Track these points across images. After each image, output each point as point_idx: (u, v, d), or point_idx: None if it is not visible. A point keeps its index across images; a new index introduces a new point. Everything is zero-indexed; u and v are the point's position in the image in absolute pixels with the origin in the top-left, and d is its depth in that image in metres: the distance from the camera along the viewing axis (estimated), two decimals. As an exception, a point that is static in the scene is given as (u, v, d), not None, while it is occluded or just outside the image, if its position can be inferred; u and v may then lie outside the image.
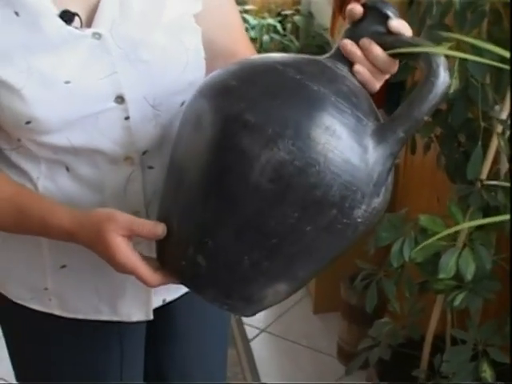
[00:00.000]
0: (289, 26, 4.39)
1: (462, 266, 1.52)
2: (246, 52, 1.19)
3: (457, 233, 1.59)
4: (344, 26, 1.99)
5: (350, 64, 0.90)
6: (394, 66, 0.91)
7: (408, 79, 1.97)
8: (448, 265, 1.52)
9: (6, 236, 1.12)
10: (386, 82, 0.95)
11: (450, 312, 1.77)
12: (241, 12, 4.48)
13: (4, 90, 0.98)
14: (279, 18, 4.47)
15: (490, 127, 1.55)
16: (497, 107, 1.56)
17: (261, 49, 4.23)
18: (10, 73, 0.97)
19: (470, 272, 1.51)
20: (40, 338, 1.23)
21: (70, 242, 1.01)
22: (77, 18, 1.00)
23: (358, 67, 0.90)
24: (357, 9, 0.89)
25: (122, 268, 0.94)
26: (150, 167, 1.09)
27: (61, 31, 0.98)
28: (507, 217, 1.14)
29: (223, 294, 0.92)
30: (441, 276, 1.52)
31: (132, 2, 1.03)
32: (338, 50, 0.91)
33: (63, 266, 1.13)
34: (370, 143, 0.83)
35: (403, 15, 0.91)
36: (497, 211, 1.53)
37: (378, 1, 0.89)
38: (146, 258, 0.95)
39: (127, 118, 1.04)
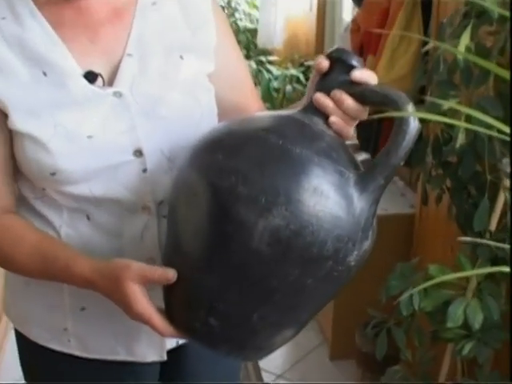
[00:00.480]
0: (311, 76, 4.47)
1: (469, 315, 1.55)
2: (255, 106, 1.27)
3: (466, 283, 1.62)
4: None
5: (324, 115, 0.94)
6: (365, 112, 0.96)
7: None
8: (456, 314, 1.55)
9: (29, 280, 1.18)
10: None
11: (460, 361, 1.79)
12: (264, 63, 4.60)
13: (31, 144, 1.06)
14: (302, 69, 4.57)
15: (498, 180, 1.59)
16: (504, 160, 1.60)
17: (284, 99, 4.33)
18: (37, 128, 1.06)
19: (477, 321, 1.54)
20: (58, 377, 1.28)
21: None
22: (99, 78, 1.09)
23: (332, 119, 0.94)
24: (323, 62, 0.94)
25: (137, 317, 0.99)
26: (165, 216, 1.14)
27: (85, 90, 1.08)
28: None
29: (236, 347, 0.99)
30: (449, 325, 1.55)
31: (151, 62, 1.12)
32: (312, 103, 0.95)
33: (83, 309, 1.19)
34: (354, 194, 0.89)
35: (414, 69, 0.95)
36: (505, 262, 1.56)
37: (342, 53, 0.94)
38: (160, 310, 1.00)
39: (145, 171, 1.11)
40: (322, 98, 0.94)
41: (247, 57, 5.23)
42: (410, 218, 2.65)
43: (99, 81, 1.09)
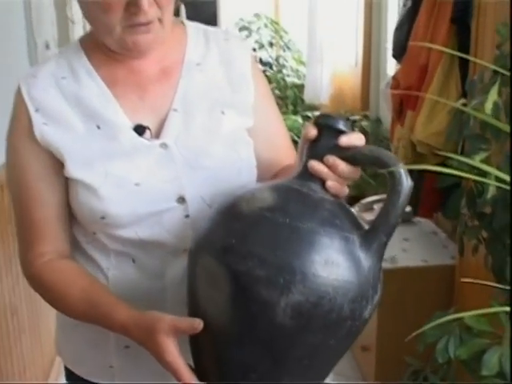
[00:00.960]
0: (357, 130, 4.52)
1: (504, 363, 1.57)
2: (288, 162, 1.32)
3: (502, 331, 1.64)
4: (398, 131, 2.10)
5: (320, 180, 1.00)
6: (359, 172, 1.02)
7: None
8: (491, 362, 1.57)
9: (77, 321, 1.26)
10: (443, 190, 1.05)
11: (496, 409, 1.79)
12: (311, 118, 4.69)
13: (84, 190, 1.18)
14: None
15: (531, 231, 1.62)
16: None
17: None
18: (90, 176, 1.17)
19: (512, 370, 1.56)
20: None
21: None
22: (148, 131, 1.21)
23: (329, 183, 1.00)
24: (312, 131, 1.00)
25: (166, 366, 1.05)
26: None
27: (134, 142, 1.20)
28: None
29: None
30: (484, 373, 1.57)
31: (194, 117, 1.23)
32: (307, 169, 1.01)
33: (127, 347, 1.26)
34: (360, 255, 0.96)
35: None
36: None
37: (328, 119, 0.99)
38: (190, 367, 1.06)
39: (187, 216, 1.21)
40: (316, 165, 1.00)
41: (295, 112, 5.34)
42: (451, 269, 2.68)
43: (147, 133, 1.20)
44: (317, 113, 4.87)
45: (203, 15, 5.87)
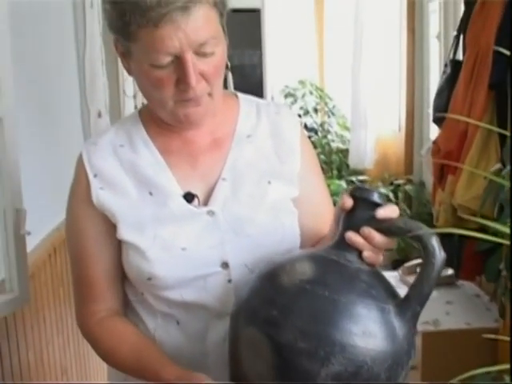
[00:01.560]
0: (401, 194, 4.54)
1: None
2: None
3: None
4: (439, 195, 2.14)
5: (356, 250, 1.04)
6: (394, 242, 1.06)
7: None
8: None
9: (127, 375, 1.31)
10: (483, 253, 1.09)
11: None
12: (355, 182, 4.73)
13: (133, 252, 1.24)
14: (392, 187, 4.63)
15: None
16: None
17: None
18: (140, 239, 1.24)
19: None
20: None
21: None
22: (196, 198, 1.26)
23: (365, 254, 1.04)
24: (348, 202, 1.05)
25: None
26: None
27: (183, 208, 1.25)
28: None
29: None
30: None
31: (242, 186, 1.28)
32: (343, 239, 1.05)
33: None
34: (396, 324, 1.00)
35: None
36: None
37: (364, 192, 1.04)
38: None
39: (230, 281, 1.25)
40: (353, 237, 1.04)
41: (339, 177, 5.38)
42: (494, 332, 2.65)
43: (196, 201, 1.26)
44: (361, 177, 4.92)
45: (249, 82, 6.04)
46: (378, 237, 1.03)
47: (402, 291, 1.04)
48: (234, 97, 1.39)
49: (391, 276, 3.51)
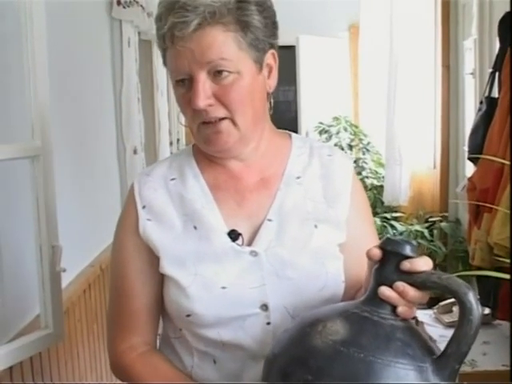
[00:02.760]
0: (436, 232, 4.50)
1: None
2: None
3: None
4: (475, 233, 2.12)
5: (389, 305, 1.00)
6: (427, 297, 1.02)
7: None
8: None
9: None
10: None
11: None
12: (389, 219, 4.70)
13: (174, 287, 1.24)
14: (427, 225, 4.59)
15: None
16: None
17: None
18: (181, 274, 1.24)
19: None
20: None
21: None
22: (240, 237, 1.26)
23: (399, 310, 1.00)
24: (375, 253, 1.01)
25: None
26: None
27: (226, 246, 1.25)
28: None
29: None
30: None
31: (287, 228, 1.27)
32: (376, 294, 1.01)
33: None
34: (434, 381, 0.97)
35: None
36: None
37: (395, 244, 1.00)
38: None
39: (268, 324, 1.23)
40: (387, 292, 0.99)
41: (374, 214, 5.35)
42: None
43: (240, 239, 1.25)
44: (395, 214, 4.89)
45: (284, 118, 6.07)
46: (412, 291, 0.99)
47: (438, 330, 1.01)
48: (286, 136, 1.39)
49: (426, 314, 3.46)
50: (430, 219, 4.63)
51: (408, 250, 1.00)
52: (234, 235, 1.25)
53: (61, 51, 2.28)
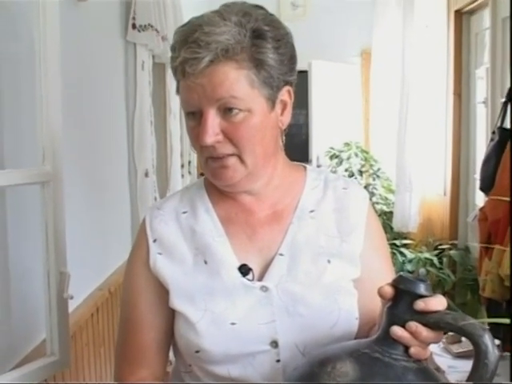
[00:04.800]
0: (445, 259, 4.47)
1: None
2: None
3: None
4: (486, 264, 2.07)
5: (402, 345, 0.96)
6: (441, 337, 0.98)
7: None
8: None
9: None
10: None
11: None
12: (399, 246, 4.67)
13: (183, 322, 1.21)
14: (436, 252, 4.56)
15: None
16: None
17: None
18: (190, 309, 1.20)
19: None
20: None
21: None
22: (251, 272, 1.22)
23: (412, 350, 0.96)
24: (387, 291, 0.98)
25: None
26: None
27: (236, 281, 1.21)
28: None
29: None
30: None
31: (299, 263, 1.23)
32: (388, 334, 0.97)
33: None
34: None
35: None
36: None
37: (407, 283, 0.96)
38: None
39: (278, 361, 1.19)
40: (399, 332, 0.96)
41: (383, 240, 5.32)
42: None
43: (250, 274, 1.22)
44: (405, 241, 4.85)
45: (295, 141, 6.07)
46: (425, 332, 0.95)
47: (446, 360, 0.97)
48: (301, 169, 1.36)
49: (434, 344, 3.40)
50: (440, 247, 4.61)
51: (422, 289, 0.96)
52: (244, 270, 1.22)
53: (75, 73, 2.27)
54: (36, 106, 1.68)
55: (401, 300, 0.98)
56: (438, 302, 0.96)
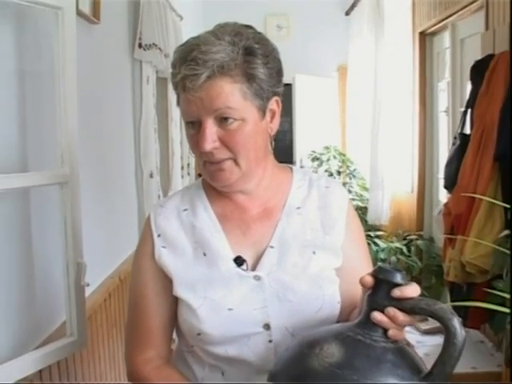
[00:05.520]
0: (413, 248, 4.47)
1: None
2: None
3: None
4: (450, 252, 2.05)
5: (381, 328, 0.97)
6: (415, 320, 0.99)
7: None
8: None
9: None
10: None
11: None
12: (373, 237, 4.67)
13: (186, 308, 1.21)
14: (405, 242, 4.57)
15: None
16: None
17: (389, 268, 4.32)
18: (191, 297, 1.20)
19: None
20: None
21: None
22: (245, 263, 1.22)
23: (390, 332, 0.97)
24: (368, 281, 0.99)
25: None
26: None
27: (232, 271, 1.22)
28: None
29: None
30: None
31: (287, 255, 1.23)
32: (368, 318, 0.98)
33: None
34: None
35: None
36: None
37: (385, 273, 0.97)
38: None
39: (270, 341, 1.20)
40: (379, 317, 0.96)
41: (358, 231, 5.32)
42: (498, 376, 2.57)
43: (245, 265, 1.22)
44: (378, 233, 4.85)
45: (280, 146, 6.05)
46: (401, 316, 0.96)
47: (415, 336, 0.97)
48: (288, 170, 1.36)
49: (405, 323, 3.41)
50: (408, 237, 4.60)
51: (398, 278, 0.97)
52: (239, 261, 1.22)
53: (88, 87, 2.26)
54: (55, 116, 1.67)
55: (380, 288, 0.98)
56: (412, 290, 0.97)
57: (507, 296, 1.56)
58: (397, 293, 0.96)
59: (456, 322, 0.92)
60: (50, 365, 1.72)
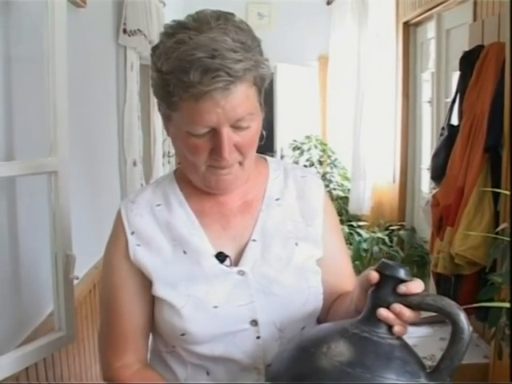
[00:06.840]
0: (395, 238, 4.47)
1: None
2: (349, 289, 1.23)
3: None
4: (438, 244, 2.01)
5: (386, 324, 0.94)
6: (420, 316, 0.95)
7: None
8: None
9: None
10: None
11: None
12: (355, 227, 4.66)
13: (168, 308, 1.14)
14: (387, 232, 4.57)
15: None
16: None
17: (371, 258, 4.32)
18: (174, 296, 1.13)
19: None
20: None
21: None
22: (228, 258, 1.16)
23: (396, 329, 0.94)
24: (374, 278, 0.95)
25: None
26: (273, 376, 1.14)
27: (215, 268, 1.15)
28: None
29: None
30: None
31: (270, 248, 1.18)
32: (373, 314, 0.95)
33: None
34: None
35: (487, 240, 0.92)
36: None
37: (390, 268, 0.95)
38: None
39: (258, 338, 1.14)
40: (385, 313, 0.94)
41: (340, 221, 5.28)
42: (484, 367, 2.56)
43: (227, 261, 1.16)
44: (360, 223, 4.84)
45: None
46: (408, 312, 0.94)
47: (410, 329, 0.95)
48: (263, 160, 1.29)
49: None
50: (390, 227, 4.60)
51: (403, 274, 0.95)
52: (221, 257, 1.16)
53: (73, 73, 2.17)
54: (43, 104, 1.58)
55: (385, 284, 0.96)
56: (417, 286, 0.95)
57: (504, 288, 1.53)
58: (403, 289, 0.94)
59: (463, 317, 0.91)
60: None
